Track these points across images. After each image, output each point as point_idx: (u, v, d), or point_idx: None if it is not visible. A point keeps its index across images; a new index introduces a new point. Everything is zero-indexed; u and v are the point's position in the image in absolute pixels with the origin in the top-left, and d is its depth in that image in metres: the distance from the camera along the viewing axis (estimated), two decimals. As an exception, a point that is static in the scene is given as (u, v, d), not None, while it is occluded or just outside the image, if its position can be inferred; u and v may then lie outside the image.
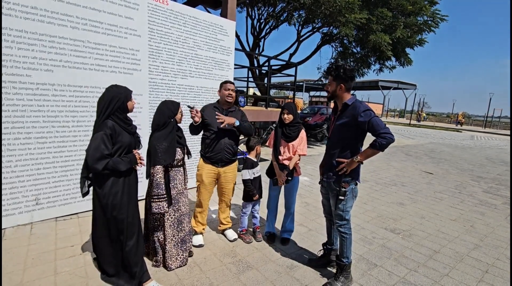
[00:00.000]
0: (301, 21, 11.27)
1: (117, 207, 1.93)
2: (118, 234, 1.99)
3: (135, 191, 2.11)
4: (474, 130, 28.35)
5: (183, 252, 2.40)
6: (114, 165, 1.85)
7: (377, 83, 29.32)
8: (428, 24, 10.40)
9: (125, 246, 2.00)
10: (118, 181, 1.94)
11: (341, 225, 2.24)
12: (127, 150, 1.98)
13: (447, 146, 13.24)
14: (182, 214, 2.37)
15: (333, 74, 2.15)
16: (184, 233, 2.39)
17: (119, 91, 1.96)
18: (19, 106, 2.82)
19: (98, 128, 1.87)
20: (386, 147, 1.97)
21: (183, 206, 2.37)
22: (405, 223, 3.68)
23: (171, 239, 2.32)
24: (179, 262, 2.38)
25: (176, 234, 2.34)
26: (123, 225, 1.97)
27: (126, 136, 1.97)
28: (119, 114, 1.94)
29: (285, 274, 2.42)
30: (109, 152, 1.84)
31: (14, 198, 2.89)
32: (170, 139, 2.17)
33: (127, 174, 2.00)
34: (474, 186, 5.86)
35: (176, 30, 3.97)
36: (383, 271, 2.54)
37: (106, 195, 1.90)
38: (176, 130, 2.32)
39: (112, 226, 1.97)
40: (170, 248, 2.32)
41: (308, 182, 5.37)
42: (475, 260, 2.84)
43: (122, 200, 1.96)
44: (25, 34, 2.78)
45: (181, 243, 2.38)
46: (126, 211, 1.98)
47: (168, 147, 2.14)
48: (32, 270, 2.26)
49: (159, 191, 2.13)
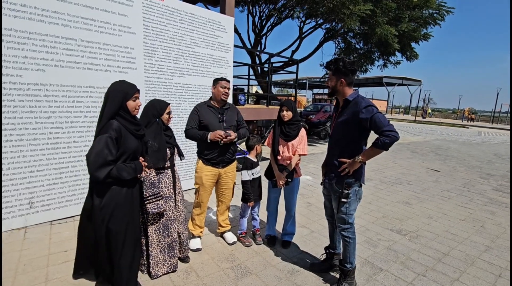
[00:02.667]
0: (304, 16, 11.06)
1: (115, 219, 1.71)
2: (112, 247, 1.77)
3: (137, 202, 1.91)
4: (482, 126, 27.86)
5: (171, 258, 2.26)
6: (117, 173, 1.62)
7: (381, 79, 28.97)
8: (434, 17, 10.14)
9: (120, 260, 1.80)
10: (121, 191, 1.72)
11: (344, 229, 2.12)
12: (132, 157, 1.75)
13: (453, 142, 12.99)
14: (168, 219, 2.21)
15: (332, 68, 2.02)
16: (171, 239, 2.24)
17: (118, 87, 1.72)
18: (10, 107, 2.74)
19: (102, 130, 1.63)
20: (390, 146, 1.83)
21: (170, 211, 2.22)
22: (411, 223, 3.54)
23: (156, 244, 2.19)
24: (166, 268, 2.25)
25: (162, 239, 2.21)
26: (118, 239, 1.75)
27: (133, 140, 1.74)
28: (125, 114, 1.71)
29: (285, 279, 2.30)
30: (113, 158, 1.61)
31: (7, 201, 2.82)
32: (158, 141, 2.02)
33: (131, 184, 1.78)
34: (483, 184, 5.67)
35: (172, 27, 3.85)
36: (389, 275, 2.41)
37: (105, 206, 1.67)
38: (164, 130, 2.17)
39: (106, 239, 1.75)
40: (156, 254, 2.19)
41: (311, 181, 5.25)
42: (487, 263, 2.69)
43: (122, 212, 1.74)
44: (15, 33, 2.69)
45: (168, 249, 2.25)
46: (125, 225, 1.77)
47: (158, 149, 2.01)
48: (22, 277, 2.18)
49: (155, 190, 2.02)
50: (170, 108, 2.17)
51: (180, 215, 2.35)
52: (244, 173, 2.75)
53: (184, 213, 2.40)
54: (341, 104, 2.09)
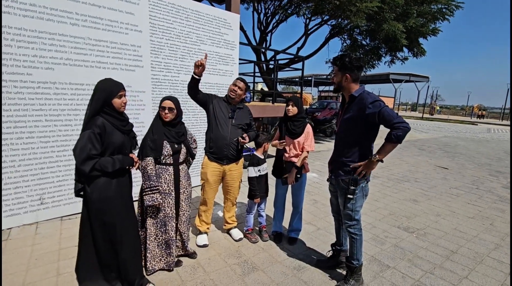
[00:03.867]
0: (310, 13, 10.96)
1: (108, 212, 1.78)
2: (111, 242, 1.84)
3: (128, 195, 1.96)
4: (491, 123, 27.33)
5: (167, 256, 2.25)
6: (101, 166, 1.68)
7: (388, 76, 28.57)
8: (443, 12, 9.94)
9: (120, 254, 1.86)
10: (111, 183, 1.77)
11: (351, 226, 2.11)
12: (117, 151, 1.80)
13: (462, 139, 12.78)
14: (166, 216, 2.20)
15: (338, 64, 2.01)
16: (168, 236, 2.21)
17: (104, 85, 1.75)
18: (20, 105, 2.80)
19: (87, 126, 1.71)
20: (404, 137, 1.80)
21: (168, 208, 2.21)
22: (419, 221, 3.51)
23: (154, 238, 2.21)
24: (163, 264, 2.26)
25: (159, 234, 2.21)
26: (115, 232, 1.81)
27: (118, 135, 1.79)
28: (110, 110, 1.76)
29: (292, 276, 2.31)
30: (97, 152, 1.68)
31: (18, 197, 2.88)
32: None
33: (119, 176, 1.82)
34: (492, 181, 5.58)
35: (178, 25, 3.87)
36: (396, 273, 2.40)
37: (97, 200, 1.74)
38: (174, 126, 2.17)
39: (103, 232, 1.82)
40: (154, 248, 2.21)
41: (317, 178, 5.23)
42: (496, 261, 2.66)
43: (115, 204, 1.80)
44: (25, 32, 2.73)
45: (165, 246, 2.24)
46: (120, 218, 1.83)
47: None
48: (35, 270, 2.23)
49: (151, 183, 2.07)
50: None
51: (183, 214, 2.33)
52: (250, 169, 2.75)
53: (188, 213, 2.36)
54: (346, 100, 2.07)
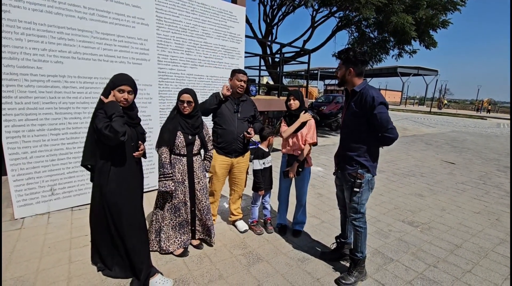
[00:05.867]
0: (318, 4, 10.79)
1: (116, 202, 1.86)
2: (118, 232, 1.92)
3: (138, 185, 2.03)
4: (501, 118, 26.79)
5: (181, 235, 2.43)
6: (115, 125, 1.66)
7: (395, 69, 28.15)
8: (454, 2, 9.68)
9: (127, 244, 1.93)
10: (121, 173, 1.85)
11: (356, 219, 2.13)
12: (121, 143, 1.79)
13: (470, 134, 12.59)
14: (180, 202, 2.37)
15: (342, 58, 2.01)
16: (182, 218, 2.41)
17: (114, 77, 1.85)
18: (31, 98, 2.86)
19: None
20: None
21: (182, 194, 2.36)
22: (424, 215, 3.51)
23: (168, 221, 2.37)
24: (177, 244, 2.41)
25: (173, 218, 2.39)
26: (121, 222, 1.89)
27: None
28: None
29: (296, 267, 2.36)
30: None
31: (31, 188, 2.97)
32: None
33: (130, 167, 1.90)
34: (500, 177, 5.52)
35: (185, 18, 3.87)
36: (399, 266, 2.43)
37: (106, 190, 1.83)
38: (191, 117, 2.26)
39: (111, 222, 1.90)
40: (168, 230, 2.38)
41: (322, 172, 5.25)
42: (500, 256, 2.66)
43: (122, 195, 1.87)
44: (34, 26, 2.78)
45: (179, 227, 2.42)
46: (127, 208, 1.90)
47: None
48: (48, 258, 2.32)
49: (165, 170, 2.23)
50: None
51: (200, 203, 2.45)
52: (255, 162, 2.79)
53: (205, 203, 2.45)
54: (350, 95, 2.08)
